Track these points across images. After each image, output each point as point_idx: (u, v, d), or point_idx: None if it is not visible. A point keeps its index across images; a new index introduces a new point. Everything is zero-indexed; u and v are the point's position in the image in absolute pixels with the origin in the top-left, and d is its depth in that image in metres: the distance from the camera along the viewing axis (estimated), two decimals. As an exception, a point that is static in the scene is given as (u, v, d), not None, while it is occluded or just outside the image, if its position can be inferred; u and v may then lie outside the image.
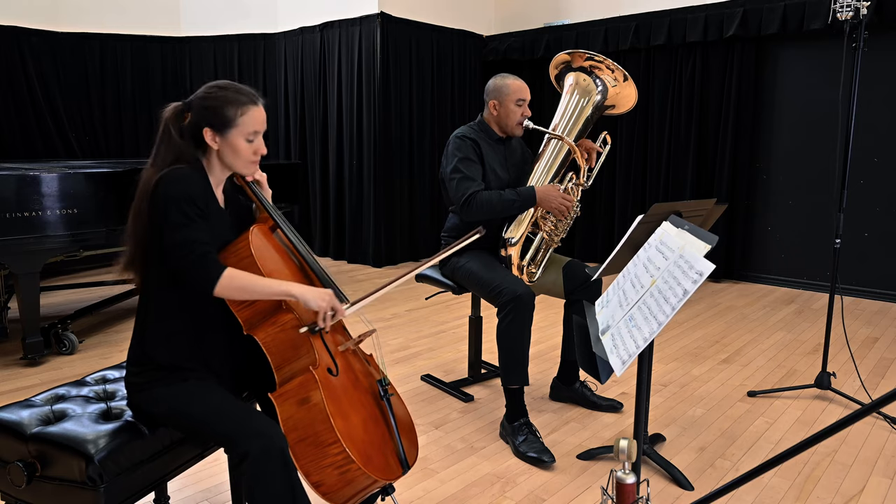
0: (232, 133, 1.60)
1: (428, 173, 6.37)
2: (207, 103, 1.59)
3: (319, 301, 1.57)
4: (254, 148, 1.64)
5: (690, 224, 1.77)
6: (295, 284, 1.57)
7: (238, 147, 1.61)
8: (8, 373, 3.28)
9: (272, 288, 1.54)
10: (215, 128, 1.59)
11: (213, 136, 1.60)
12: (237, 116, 1.59)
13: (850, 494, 2.21)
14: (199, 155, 1.63)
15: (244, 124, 1.60)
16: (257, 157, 1.66)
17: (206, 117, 1.59)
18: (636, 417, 2.03)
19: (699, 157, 5.56)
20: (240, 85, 1.64)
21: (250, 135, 1.62)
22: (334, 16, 6.07)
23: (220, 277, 1.50)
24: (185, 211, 1.51)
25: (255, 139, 1.63)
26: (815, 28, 4.77)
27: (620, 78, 2.74)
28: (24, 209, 3.07)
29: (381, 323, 4.26)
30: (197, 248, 1.50)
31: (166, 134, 1.60)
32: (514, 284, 2.51)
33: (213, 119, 1.59)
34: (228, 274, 1.51)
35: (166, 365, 1.59)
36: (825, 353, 3.02)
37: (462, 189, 2.61)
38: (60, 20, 5.99)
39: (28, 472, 1.45)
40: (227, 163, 1.64)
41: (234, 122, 1.59)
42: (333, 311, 1.60)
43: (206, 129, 1.59)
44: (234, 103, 1.59)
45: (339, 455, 1.48)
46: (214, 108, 1.59)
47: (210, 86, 1.62)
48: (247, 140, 1.62)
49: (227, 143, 1.61)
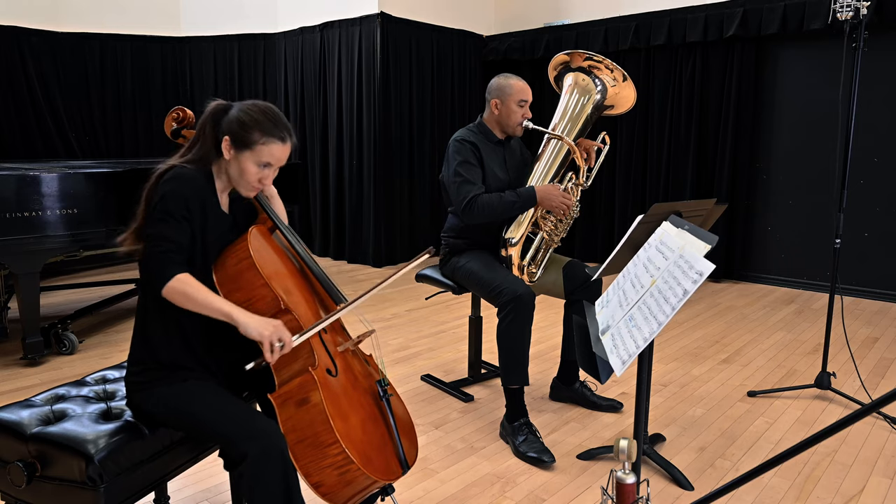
0: (246, 154, 1.61)
1: (428, 173, 6.37)
2: (241, 116, 1.61)
3: (262, 330, 1.47)
4: (260, 175, 1.65)
5: (690, 224, 1.77)
6: (239, 310, 1.50)
7: (246, 169, 1.62)
8: (8, 373, 3.28)
9: (215, 305, 1.49)
10: (234, 142, 1.61)
11: (229, 147, 1.62)
12: (258, 143, 1.60)
13: (850, 494, 2.21)
14: (213, 156, 1.65)
15: (260, 153, 1.61)
16: (260, 186, 1.67)
17: (233, 129, 1.61)
18: (636, 417, 2.03)
19: (699, 157, 5.56)
20: (280, 117, 1.65)
21: (262, 163, 1.63)
22: (334, 16, 6.07)
23: (172, 279, 1.49)
24: (170, 209, 1.52)
25: (265, 169, 1.64)
26: (815, 28, 4.77)
27: (619, 78, 2.74)
28: (24, 209, 3.07)
29: (381, 323, 4.26)
30: (163, 246, 1.51)
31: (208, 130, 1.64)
32: (514, 284, 2.51)
33: (237, 133, 1.60)
34: (180, 278, 1.49)
35: (166, 365, 1.59)
36: (825, 353, 3.02)
37: (463, 193, 2.61)
38: (60, 20, 5.99)
39: (28, 472, 1.45)
40: (231, 176, 1.66)
41: (253, 147, 1.61)
42: (281, 343, 1.50)
43: (226, 137, 1.61)
44: (263, 130, 1.61)
45: (338, 456, 1.48)
46: (244, 124, 1.60)
47: (256, 103, 1.64)
48: (257, 166, 1.63)
49: (239, 161, 1.62)
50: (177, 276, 1.49)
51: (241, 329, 1.49)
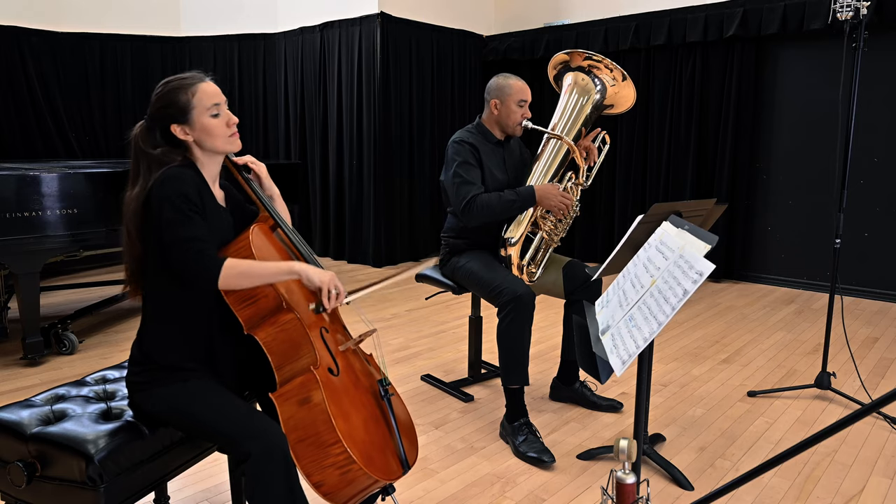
0: (195, 116, 1.59)
1: (428, 173, 6.37)
2: (160, 103, 1.60)
3: (323, 277, 1.58)
4: (224, 120, 1.63)
5: (690, 224, 1.77)
6: (297, 262, 1.58)
7: (207, 126, 1.60)
8: (8, 373, 3.27)
9: (275, 268, 1.55)
10: (178, 119, 1.59)
11: (181, 129, 1.60)
12: (191, 98, 1.59)
13: (850, 494, 2.21)
14: (184, 154, 1.63)
15: (201, 102, 1.59)
16: (233, 129, 1.65)
17: (166, 115, 1.59)
18: (636, 417, 2.03)
19: (699, 157, 5.56)
20: (182, 73, 1.64)
21: (212, 108, 1.60)
22: (334, 16, 6.07)
23: (221, 269, 1.50)
24: (180, 208, 1.51)
25: (219, 111, 1.62)
26: (815, 28, 4.77)
27: (619, 77, 2.74)
28: (24, 209, 3.07)
29: (381, 323, 4.26)
30: (194, 246, 1.50)
31: (140, 152, 1.60)
32: (514, 284, 2.51)
33: (172, 112, 1.59)
34: (229, 264, 1.51)
35: (167, 365, 1.59)
36: (825, 353, 3.02)
37: (462, 193, 2.61)
38: (60, 20, 5.99)
39: (28, 472, 1.45)
40: (208, 147, 1.63)
41: (191, 104, 1.59)
42: (337, 292, 1.60)
43: (172, 126, 1.60)
44: (182, 88, 1.59)
45: (340, 455, 1.48)
46: (167, 103, 1.59)
47: (157, 87, 1.62)
48: (212, 116, 1.60)
49: (196, 128, 1.60)
50: (224, 264, 1.50)
51: (304, 279, 1.57)
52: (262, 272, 1.54)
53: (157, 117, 1.61)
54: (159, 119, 1.60)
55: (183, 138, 1.61)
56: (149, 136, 1.62)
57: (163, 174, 1.55)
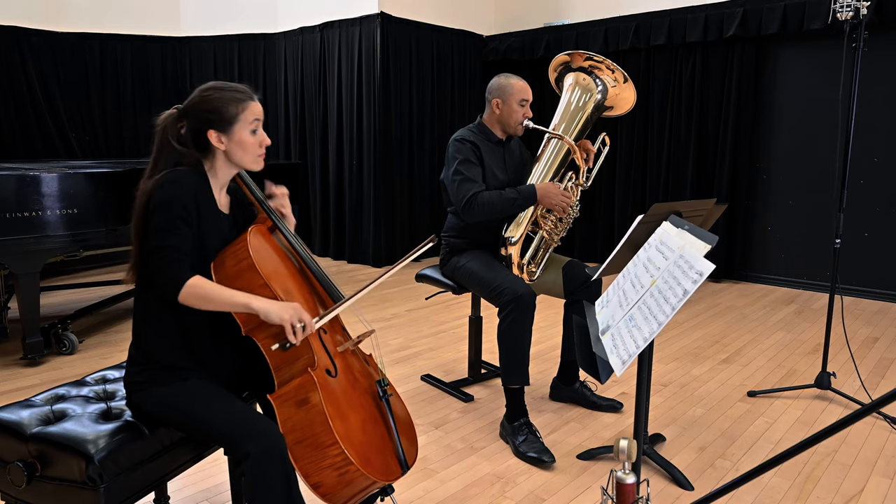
0: (236, 129, 1.61)
1: (428, 173, 6.37)
2: (207, 105, 1.60)
3: (282, 314, 1.50)
4: (259, 139, 1.65)
5: (690, 224, 1.77)
6: (257, 298, 1.52)
7: (245, 142, 1.63)
8: (8, 373, 3.28)
9: (234, 299, 1.51)
10: (219, 128, 1.60)
11: (218, 136, 1.61)
12: (239, 112, 1.61)
13: (850, 494, 2.21)
14: (201, 158, 1.64)
15: (246, 118, 1.62)
16: (263, 150, 1.68)
17: (209, 120, 1.60)
18: (636, 417, 2.03)
19: (699, 157, 5.55)
20: (234, 84, 1.66)
21: (253, 125, 1.63)
22: (334, 16, 6.07)
23: (184, 285, 1.49)
24: (171, 216, 1.52)
25: (258, 130, 1.65)
26: (815, 28, 4.77)
27: (620, 79, 2.74)
28: (24, 209, 3.07)
29: (381, 323, 4.26)
30: (169, 255, 1.50)
31: (165, 143, 1.62)
32: (515, 284, 2.51)
33: (216, 119, 1.60)
34: (193, 282, 1.50)
35: (166, 365, 1.59)
36: (825, 353, 3.02)
37: (463, 191, 2.61)
38: (60, 20, 5.99)
39: (28, 472, 1.45)
40: (235, 161, 1.65)
41: (237, 118, 1.61)
42: (303, 324, 1.53)
43: (210, 131, 1.60)
44: (233, 101, 1.61)
45: (337, 456, 1.48)
46: (215, 109, 1.60)
47: (205, 89, 1.63)
48: (251, 132, 1.63)
49: (233, 140, 1.62)
50: (188, 281, 1.49)
51: (262, 316, 1.50)
52: (220, 299, 1.50)
53: (198, 118, 1.61)
54: (198, 120, 1.61)
55: (216, 146, 1.62)
56: (176, 128, 1.62)
57: (164, 177, 1.56)
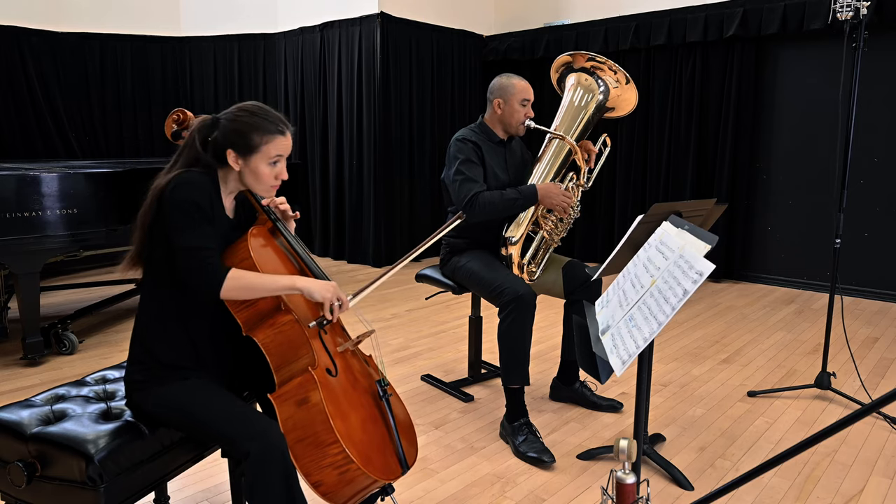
0: (254, 158, 1.61)
1: (428, 173, 6.37)
2: (235, 126, 1.60)
3: (324, 293, 1.59)
4: (276, 172, 1.64)
5: (690, 224, 1.77)
6: (300, 277, 1.59)
7: (259, 172, 1.62)
8: (8, 373, 3.27)
9: (277, 283, 1.55)
10: (239, 151, 1.60)
11: (235, 158, 1.61)
12: (262, 144, 1.60)
13: (850, 494, 2.21)
14: (216, 165, 1.63)
15: (267, 152, 1.61)
16: (278, 182, 1.67)
17: (232, 140, 1.60)
18: (636, 417, 2.03)
19: (699, 157, 5.55)
20: (271, 111, 1.64)
21: (274, 158, 1.62)
22: (334, 16, 6.07)
23: (225, 280, 1.50)
24: (191, 214, 1.52)
25: (277, 163, 1.64)
26: (815, 28, 4.77)
27: (622, 80, 2.74)
28: (24, 209, 3.07)
29: (381, 323, 4.26)
30: (200, 254, 1.51)
31: (190, 146, 1.62)
32: (515, 284, 2.51)
33: (238, 142, 1.59)
34: (232, 275, 1.52)
35: (167, 364, 1.59)
36: (825, 353, 3.02)
37: (464, 191, 2.61)
38: (60, 20, 5.99)
39: (28, 472, 1.45)
40: (246, 184, 1.66)
41: (258, 149, 1.60)
42: (339, 302, 1.62)
43: (229, 150, 1.60)
44: (261, 130, 1.60)
45: (338, 455, 1.48)
46: (241, 132, 1.59)
47: (242, 108, 1.63)
48: (270, 164, 1.62)
49: (250, 167, 1.62)
50: (228, 275, 1.51)
51: (306, 294, 1.58)
52: (265, 286, 1.54)
53: (223, 134, 1.60)
54: (223, 136, 1.60)
55: (232, 165, 1.61)
56: (205, 135, 1.62)
57: (178, 177, 1.55)
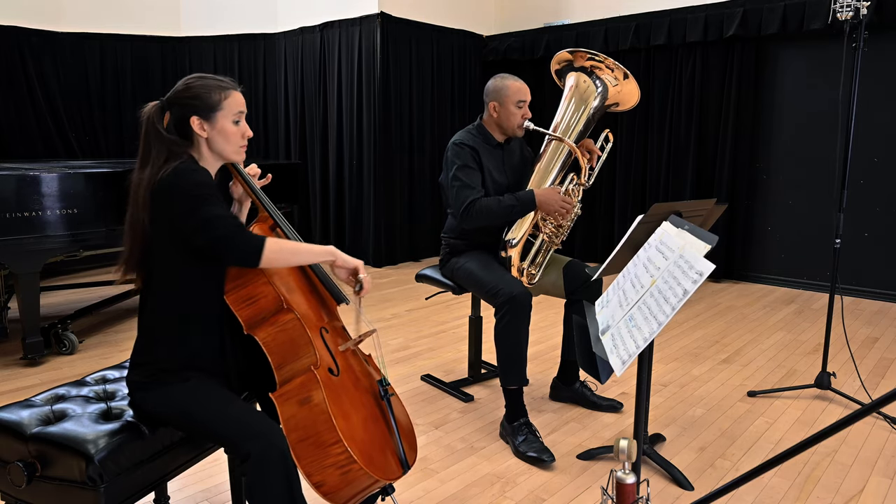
0: (219, 116, 1.62)
1: (428, 173, 6.37)
2: (191, 93, 1.61)
3: (358, 263, 1.73)
4: (241, 130, 1.66)
5: (690, 224, 1.77)
6: (332, 248, 1.69)
7: (227, 130, 1.63)
8: (8, 373, 3.27)
9: (315, 248, 1.63)
10: (202, 115, 1.61)
11: (200, 123, 1.61)
12: (222, 100, 1.62)
13: (850, 494, 2.21)
14: (185, 145, 1.63)
15: (229, 107, 1.63)
16: (245, 141, 1.68)
17: (192, 106, 1.61)
18: (636, 417, 2.03)
19: (699, 157, 5.55)
20: (217, 75, 1.68)
21: (236, 116, 1.64)
22: (334, 16, 6.07)
23: (265, 245, 1.53)
24: (202, 194, 1.52)
25: (240, 121, 1.66)
26: (815, 28, 4.77)
27: (620, 76, 2.73)
28: (24, 209, 3.07)
29: (381, 323, 4.26)
30: (227, 221, 1.53)
31: (153, 133, 1.60)
32: (510, 285, 2.50)
33: (200, 105, 1.61)
34: (271, 241, 1.55)
35: (168, 365, 1.59)
36: (825, 353, 3.02)
37: (462, 197, 2.61)
38: (60, 20, 5.99)
39: (28, 472, 1.44)
40: (217, 150, 1.65)
41: (220, 106, 1.62)
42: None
43: (192, 118, 1.60)
44: (217, 89, 1.63)
45: (341, 455, 1.48)
46: (198, 96, 1.61)
47: (188, 79, 1.64)
48: (233, 122, 1.64)
49: (216, 128, 1.62)
50: (266, 241, 1.54)
51: (341, 262, 1.71)
52: (304, 250, 1.61)
53: (181, 104, 1.61)
54: (181, 106, 1.61)
55: (198, 132, 1.62)
56: (161, 118, 1.62)
57: (176, 167, 1.54)
